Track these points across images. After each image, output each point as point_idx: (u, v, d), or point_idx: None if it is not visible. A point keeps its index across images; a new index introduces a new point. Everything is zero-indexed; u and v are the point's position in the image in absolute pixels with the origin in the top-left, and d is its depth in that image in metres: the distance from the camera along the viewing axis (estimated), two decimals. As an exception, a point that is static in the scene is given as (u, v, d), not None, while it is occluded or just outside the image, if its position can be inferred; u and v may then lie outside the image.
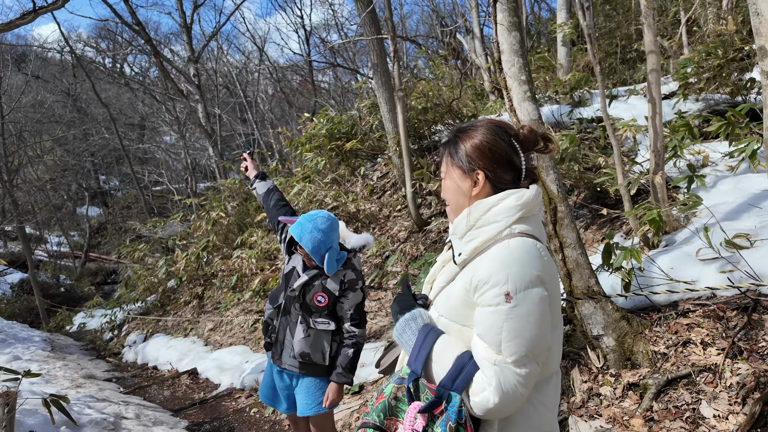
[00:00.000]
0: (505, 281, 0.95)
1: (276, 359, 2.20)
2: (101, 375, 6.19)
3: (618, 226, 4.38)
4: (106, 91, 24.14)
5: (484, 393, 0.95)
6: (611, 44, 9.65)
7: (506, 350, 0.95)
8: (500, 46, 2.57)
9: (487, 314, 0.98)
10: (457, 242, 1.10)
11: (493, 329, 0.96)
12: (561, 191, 2.55)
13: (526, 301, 0.95)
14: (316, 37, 21.24)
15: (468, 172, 1.08)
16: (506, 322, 0.95)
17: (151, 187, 25.07)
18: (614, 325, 2.50)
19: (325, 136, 7.32)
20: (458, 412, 0.95)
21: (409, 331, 1.09)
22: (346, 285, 2.11)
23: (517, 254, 0.98)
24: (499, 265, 0.97)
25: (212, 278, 8.34)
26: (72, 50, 15.88)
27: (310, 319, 2.12)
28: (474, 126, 1.10)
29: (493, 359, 0.96)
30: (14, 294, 16.49)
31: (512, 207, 1.02)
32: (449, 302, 1.07)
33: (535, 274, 0.97)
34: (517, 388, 0.95)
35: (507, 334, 0.95)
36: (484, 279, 0.98)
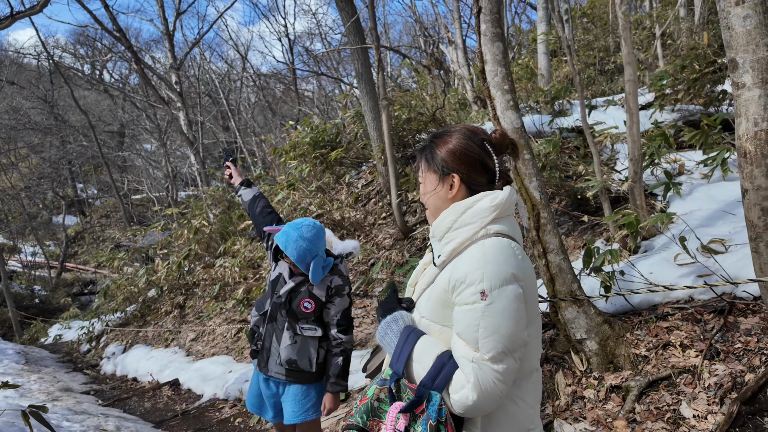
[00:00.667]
0: (480, 280, 0.98)
1: (262, 367, 2.17)
2: (78, 388, 6.01)
3: (598, 233, 4.48)
4: (85, 98, 23.74)
5: (463, 390, 0.97)
6: (590, 56, 9.91)
7: (483, 347, 0.96)
8: (483, 56, 2.62)
9: (464, 312, 1.00)
10: (436, 244, 1.13)
11: (470, 327, 0.98)
12: (544, 198, 2.60)
13: (501, 298, 0.97)
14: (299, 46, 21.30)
15: (444, 175, 1.12)
16: (482, 319, 0.97)
17: (130, 195, 24.61)
18: (597, 329, 2.55)
19: (309, 144, 7.32)
20: (438, 410, 0.97)
21: (391, 332, 1.11)
22: (332, 291, 2.12)
23: (491, 253, 1.01)
24: (474, 264, 1.00)
25: (194, 287, 8.21)
26: (49, 56, 15.58)
27: (297, 325, 2.11)
28: (448, 131, 1.15)
29: (471, 356, 0.97)
30: (-14, 306, 15.95)
31: (487, 208, 1.06)
32: (430, 303, 1.10)
33: (510, 272, 0.99)
34: (495, 385, 0.96)
35: (483, 331, 0.96)
36: (460, 278, 1.01)
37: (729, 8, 1.82)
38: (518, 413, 1.05)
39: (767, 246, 1.91)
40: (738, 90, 1.86)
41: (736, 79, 1.85)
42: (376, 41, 5.44)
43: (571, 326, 2.57)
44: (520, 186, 2.61)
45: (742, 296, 2.54)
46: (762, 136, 1.82)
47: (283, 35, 20.00)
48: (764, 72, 1.78)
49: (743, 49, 1.80)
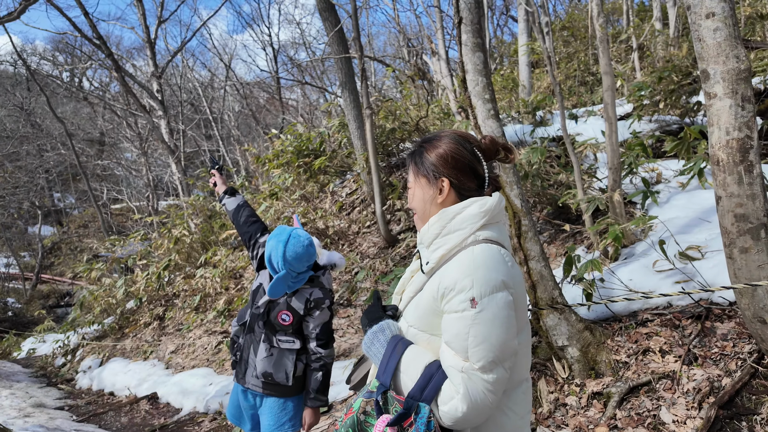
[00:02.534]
0: (470, 287, 0.96)
1: (240, 378, 2.13)
2: (52, 403, 5.80)
3: (579, 241, 4.54)
4: (63, 106, 23.30)
5: (453, 401, 0.94)
6: (570, 68, 10.13)
7: (473, 356, 0.94)
8: (465, 66, 2.65)
9: (453, 321, 0.98)
10: (424, 251, 1.11)
11: (459, 336, 0.96)
12: (524, 205, 2.63)
13: (492, 305, 0.96)
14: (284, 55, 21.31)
15: (433, 180, 1.10)
16: (472, 327, 0.95)
17: (110, 205, 24.12)
18: (578, 336, 2.57)
19: (293, 153, 7.29)
20: (427, 423, 0.94)
21: (378, 343, 1.08)
22: (311, 304, 2.05)
23: (481, 260, 0.99)
24: (464, 271, 0.98)
25: (174, 298, 8.04)
26: (25, 64, 15.26)
27: (274, 337, 2.06)
28: (438, 136, 1.14)
29: (460, 366, 0.95)
30: (-45, 319, 15.40)
31: (476, 214, 1.05)
32: (418, 311, 1.07)
33: (500, 279, 0.98)
34: (485, 396, 0.94)
35: (473, 339, 0.94)
36: (450, 286, 0.99)
37: (700, 21, 1.88)
38: (508, 424, 1.03)
39: (741, 252, 1.95)
40: (710, 100, 1.91)
41: (708, 90, 1.90)
42: (360, 51, 5.47)
43: (553, 333, 2.58)
44: (502, 194, 2.63)
45: (718, 302, 2.59)
46: (734, 145, 1.87)
47: (267, 44, 20.01)
48: (734, 83, 1.84)
49: (714, 60, 1.86)
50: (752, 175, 1.87)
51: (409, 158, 1.17)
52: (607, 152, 4.03)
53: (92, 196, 17.18)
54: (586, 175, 5.04)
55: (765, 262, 1.92)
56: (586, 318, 2.78)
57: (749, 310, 2.04)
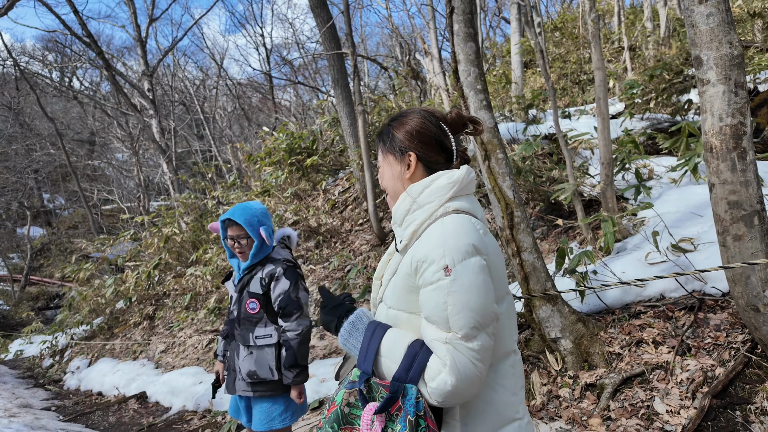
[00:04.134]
0: (442, 256, 0.94)
1: (230, 388, 2.16)
2: (39, 404, 5.70)
3: (572, 237, 4.53)
4: (53, 105, 23.04)
5: (440, 376, 0.91)
6: (563, 67, 10.18)
7: (454, 325, 0.92)
8: (457, 56, 2.63)
9: (430, 293, 0.95)
10: (397, 230, 1.09)
11: (438, 307, 0.93)
12: (517, 197, 2.60)
13: (466, 271, 0.93)
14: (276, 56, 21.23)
15: (400, 156, 1.10)
16: (449, 296, 0.92)
17: (100, 205, 23.87)
18: (571, 328, 2.55)
19: (285, 151, 7.23)
20: (416, 404, 0.90)
21: (356, 332, 1.05)
22: (266, 279, 2.05)
23: (451, 229, 0.97)
24: (435, 242, 0.97)
25: (164, 298, 7.95)
26: (15, 62, 15.06)
27: (251, 335, 2.07)
28: (405, 113, 1.14)
29: (444, 338, 0.92)
30: (-59, 321, 15.14)
31: (444, 186, 1.04)
32: (395, 292, 1.05)
33: (471, 243, 0.96)
34: (473, 365, 0.91)
35: (452, 308, 0.92)
36: (422, 258, 0.97)
37: (693, 6, 1.87)
38: (498, 400, 1.00)
39: (734, 239, 1.94)
40: (703, 86, 1.90)
41: (701, 76, 1.89)
42: (352, 47, 5.44)
43: (546, 325, 2.56)
44: (494, 185, 2.60)
45: (711, 293, 2.59)
46: (727, 131, 1.86)
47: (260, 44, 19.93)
48: (727, 68, 1.82)
49: (707, 46, 1.85)
50: (745, 161, 1.86)
51: (378, 138, 1.17)
52: (600, 147, 4.03)
53: (82, 196, 17.00)
54: (578, 172, 5.05)
55: (758, 249, 1.91)
56: (579, 310, 2.76)
57: (743, 299, 2.02)
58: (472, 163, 5.46)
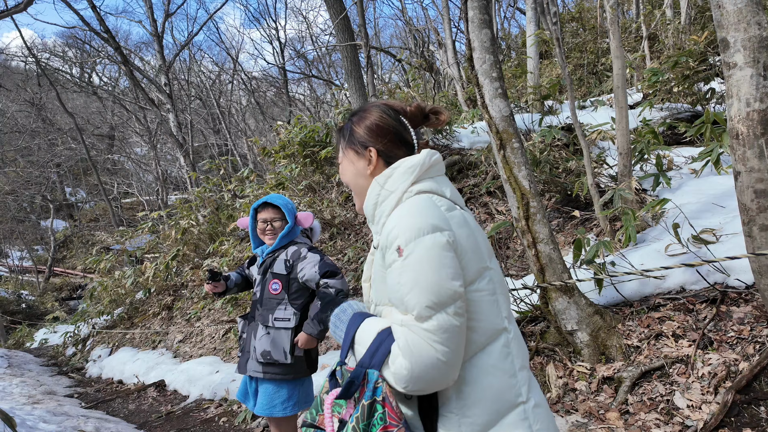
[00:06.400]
0: (396, 237, 0.93)
1: (242, 368, 2.21)
2: (62, 391, 5.86)
3: (589, 228, 4.45)
4: (74, 101, 23.48)
5: (398, 360, 0.88)
6: (580, 58, 9.97)
7: (408, 306, 0.89)
8: (471, 43, 2.58)
9: (389, 276, 0.94)
10: (373, 228, 1.09)
11: (393, 288, 0.92)
12: (533, 187, 2.56)
13: (418, 248, 0.90)
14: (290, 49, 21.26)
15: (361, 151, 1.10)
16: (402, 275, 0.90)
17: (120, 198, 24.33)
18: (588, 320, 2.50)
19: (299, 144, 7.24)
20: (374, 389, 0.88)
21: (341, 323, 1.06)
22: (290, 261, 2.14)
23: (406, 210, 0.96)
24: (392, 225, 0.96)
25: (182, 288, 8.08)
26: (35, 58, 15.37)
27: (271, 316, 2.13)
28: (365, 108, 1.14)
29: (401, 320, 0.90)
30: (-30, 311, 15.67)
31: (404, 171, 1.03)
32: (378, 286, 1.04)
33: (427, 222, 0.93)
34: (430, 347, 0.85)
35: (404, 287, 0.89)
36: (384, 243, 0.96)
37: (719, -13, 1.79)
38: (494, 385, 0.93)
39: (761, 229, 1.87)
40: (729, 70, 1.82)
41: (728, 59, 1.82)
42: (365, 39, 5.41)
43: (562, 317, 2.52)
44: (509, 175, 2.56)
45: (734, 285, 2.51)
46: (754, 117, 1.79)
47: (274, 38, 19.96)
48: (756, 51, 1.75)
49: (734, 27, 1.77)
50: (773, 148, 1.79)
51: (337, 134, 1.16)
52: (618, 137, 3.94)
53: (103, 190, 17.35)
54: (596, 162, 4.95)
55: (785, 240, 1.84)
56: (596, 302, 2.71)
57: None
58: (489, 153, 5.41)
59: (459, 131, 6.58)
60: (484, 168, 5.69)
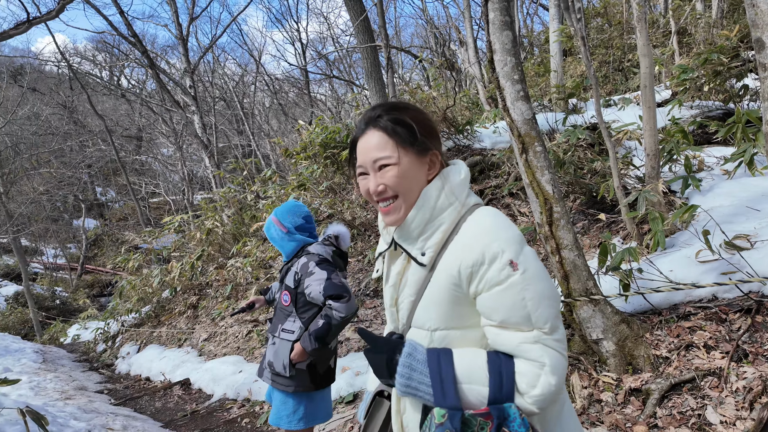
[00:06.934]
0: (501, 251, 0.87)
1: (259, 372, 2.23)
2: (93, 387, 6.05)
3: (615, 232, 4.34)
4: (103, 103, 24.19)
5: (542, 379, 0.84)
6: (605, 54, 9.72)
7: (538, 321, 0.86)
8: (492, 45, 2.54)
9: (499, 294, 0.87)
10: (413, 243, 0.98)
11: (515, 306, 0.86)
12: (557, 191, 2.50)
13: (529, 260, 0.88)
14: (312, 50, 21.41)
15: (423, 153, 0.97)
16: (525, 290, 0.86)
17: (148, 198, 24.99)
18: (614, 329, 2.43)
19: (320, 145, 7.29)
20: (522, 421, 0.84)
21: (418, 365, 0.91)
22: (299, 275, 2.04)
23: (493, 223, 0.92)
24: (485, 240, 0.89)
25: (207, 288, 8.24)
26: (67, 62, 15.89)
27: (280, 326, 2.11)
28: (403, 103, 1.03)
29: (532, 337, 0.86)
30: (8, 306, 16.32)
31: (461, 182, 0.98)
32: (438, 309, 0.94)
33: (518, 233, 0.92)
34: (562, 357, 0.86)
35: (532, 303, 0.86)
36: (477, 260, 0.88)
37: (754, -15, 1.71)
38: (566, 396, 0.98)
39: (798, 239, 1.78)
40: (765, 72, 1.74)
41: (763, 60, 1.74)
42: (385, 39, 5.39)
43: (587, 326, 2.46)
44: (532, 179, 2.51)
45: (770, 294, 2.40)
46: (792, 121, 1.70)
47: (296, 39, 20.13)
48: (794, 52, 1.67)
49: (770, 28, 1.69)
50: (813, 154, 1.70)
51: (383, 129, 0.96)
52: (645, 137, 3.82)
53: (131, 190, 17.84)
54: (622, 163, 4.81)
55: (826, 250, 1.74)
56: (622, 310, 2.64)
57: (807, 303, 1.86)
58: (511, 153, 5.32)
59: (480, 131, 6.50)
60: (507, 168, 5.61)
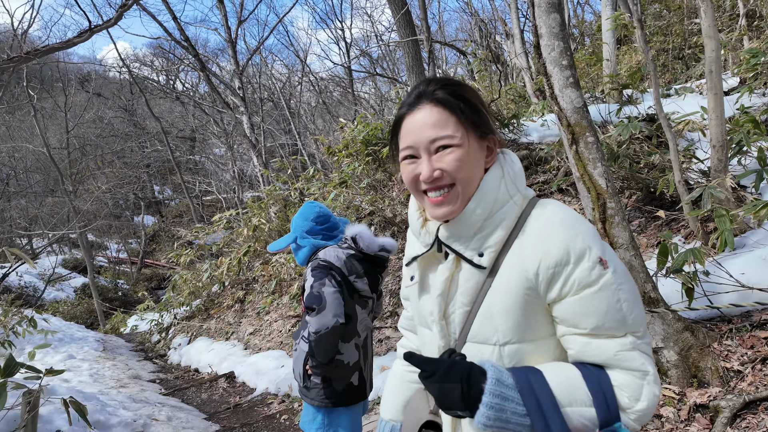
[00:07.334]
0: (587, 248, 0.76)
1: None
2: (147, 376, 6.35)
3: (676, 230, 4.01)
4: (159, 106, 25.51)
5: (645, 390, 0.75)
6: (664, 41, 9.08)
7: (634, 324, 0.76)
8: (539, 29, 2.37)
9: (591, 297, 0.75)
10: (466, 242, 0.83)
11: (611, 310, 0.75)
12: (610, 185, 2.31)
13: (614, 256, 0.79)
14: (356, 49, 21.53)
15: (484, 137, 0.84)
16: (620, 291, 0.76)
17: (201, 196, 26.14)
18: (676, 337, 2.21)
19: (362, 142, 7.27)
20: None
21: (510, 391, 0.75)
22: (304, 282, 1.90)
23: (567, 214, 0.81)
24: (566, 235, 0.77)
25: (253, 283, 8.45)
26: (128, 68, 16.84)
27: (301, 332, 1.98)
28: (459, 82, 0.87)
29: (629, 344, 0.76)
30: (77, 297, 17.61)
31: (517, 171, 0.87)
32: (509, 319, 0.79)
33: (593, 227, 0.81)
34: (653, 362, 0.79)
35: (627, 305, 0.76)
36: (560, 259, 0.76)
37: None
38: None
39: None
40: None
41: None
42: (427, 32, 5.27)
43: (644, 332, 2.25)
44: (583, 173, 2.33)
45: None
46: None
47: (341, 38, 20.33)
48: None
49: None
50: None
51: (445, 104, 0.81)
52: (711, 127, 3.49)
53: (185, 188, 18.70)
54: (684, 156, 4.44)
55: None
56: (685, 317, 2.40)
57: None
58: (560, 147, 5.05)
59: (527, 124, 6.25)
60: (555, 163, 5.35)
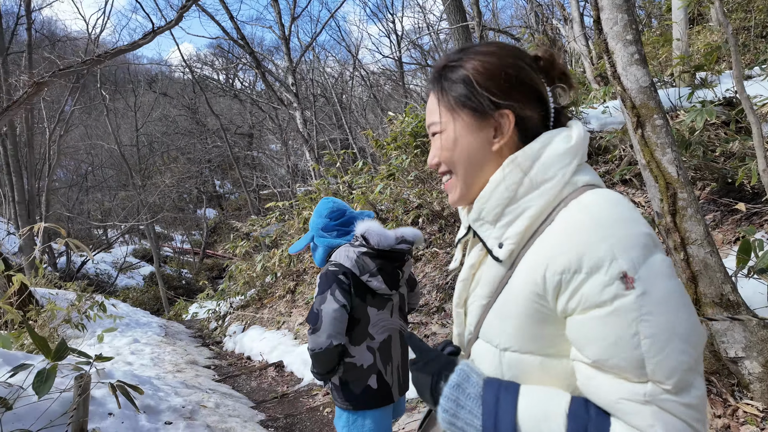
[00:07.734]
0: (609, 258, 0.58)
1: None
2: (203, 362, 6.63)
3: (758, 225, 3.59)
4: (219, 104, 26.72)
5: None
6: (744, 19, 8.21)
7: (658, 371, 0.56)
8: (599, 2, 2.14)
9: (599, 322, 0.59)
10: (487, 229, 0.72)
11: (621, 343, 0.57)
12: (682, 173, 2.05)
13: (656, 276, 0.58)
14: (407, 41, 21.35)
15: (485, 112, 0.72)
16: (641, 322, 0.56)
17: (258, 190, 27.17)
18: (760, 346, 1.94)
19: (410, 134, 7.16)
20: None
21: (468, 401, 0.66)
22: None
23: (605, 210, 0.62)
24: (588, 236, 0.60)
25: (303, 274, 8.61)
26: (189, 68, 17.71)
27: None
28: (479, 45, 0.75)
29: (643, 394, 0.57)
30: (145, 284, 18.96)
31: (564, 153, 0.68)
32: (514, 324, 0.68)
33: (647, 232, 0.60)
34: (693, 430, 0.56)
35: (650, 342, 0.56)
36: (568, 266, 0.61)
37: None
38: None
39: None
40: None
41: None
42: (478, 17, 5.05)
43: (722, 340, 1.99)
44: (649, 159, 2.09)
45: None
46: None
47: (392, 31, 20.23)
48: None
49: None
50: None
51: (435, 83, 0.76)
52: (808, 108, 3.06)
53: (243, 183, 19.48)
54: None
55: None
56: (771, 323, 2.11)
57: None
58: (624, 135, 4.68)
59: (587, 112, 5.87)
60: (618, 152, 4.98)
